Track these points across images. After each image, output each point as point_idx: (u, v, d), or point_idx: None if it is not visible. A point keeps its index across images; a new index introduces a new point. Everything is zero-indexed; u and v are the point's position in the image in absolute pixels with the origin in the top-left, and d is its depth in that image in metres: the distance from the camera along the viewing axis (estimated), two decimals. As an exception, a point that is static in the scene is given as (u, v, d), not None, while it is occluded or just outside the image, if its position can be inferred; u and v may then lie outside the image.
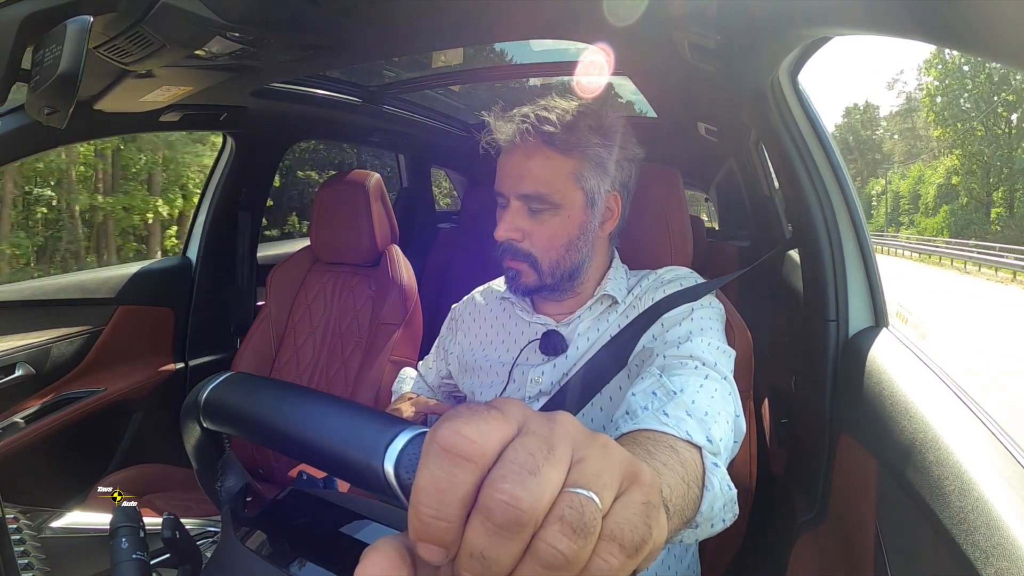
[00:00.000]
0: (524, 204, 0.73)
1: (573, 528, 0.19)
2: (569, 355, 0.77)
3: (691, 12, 0.79)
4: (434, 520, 0.19)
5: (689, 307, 0.70)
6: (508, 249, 0.75)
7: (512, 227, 0.74)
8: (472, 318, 0.92)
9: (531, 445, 0.20)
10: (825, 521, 0.77)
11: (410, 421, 0.31)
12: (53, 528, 0.63)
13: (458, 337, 0.93)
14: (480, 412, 0.21)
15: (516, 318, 0.85)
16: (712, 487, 0.48)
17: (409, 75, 1.70)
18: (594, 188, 0.74)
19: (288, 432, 0.36)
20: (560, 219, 0.73)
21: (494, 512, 0.19)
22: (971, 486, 0.47)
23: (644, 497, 0.22)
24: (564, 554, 0.19)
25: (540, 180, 0.72)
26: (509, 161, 0.74)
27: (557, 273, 0.76)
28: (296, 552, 0.47)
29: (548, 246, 0.74)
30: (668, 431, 0.49)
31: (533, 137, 0.71)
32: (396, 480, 0.28)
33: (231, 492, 0.49)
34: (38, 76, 0.62)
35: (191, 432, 0.44)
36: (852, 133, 49.10)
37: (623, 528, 0.20)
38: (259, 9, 0.79)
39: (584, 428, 0.23)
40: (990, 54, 0.38)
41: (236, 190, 1.62)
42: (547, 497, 0.19)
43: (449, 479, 0.19)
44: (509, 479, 0.19)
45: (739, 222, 2.28)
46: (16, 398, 1.22)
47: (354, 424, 0.32)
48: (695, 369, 0.60)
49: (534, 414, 0.22)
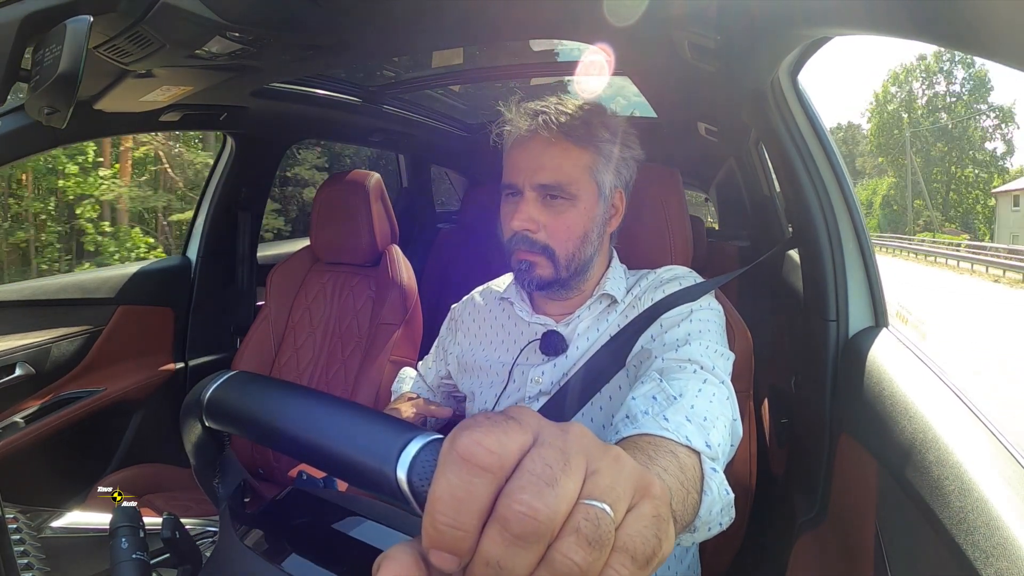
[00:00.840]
0: (540, 195, 0.73)
1: (588, 540, 0.19)
2: (569, 355, 0.77)
3: (691, 12, 0.79)
4: (450, 529, 0.19)
5: (688, 308, 0.70)
6: (522, 241, 0.73)
7: (528, 217, 0.72)
8: (471, 318, 0.92)
9: (548, 456, 0.20)
10: (825, 521, 0.77)
11: (422, 428, 0.31)
12: (53, 528, 0.63)
13: (457, 338, 0.93)
14: (499, 422, 0.21)
15: (515, 318, 0.85)
16: (710, 491, 0.48)
17: (409, 75, 1.70)
18: (605, 183, 0.74)
19: (296, 434, 0.36)
20: (577, 211, 0.73)
21: (512, 522, 0.19)
22: (971, 486, 0.47)
23: (655, 510, 0.22)
24: (579, 565, 0.19)
25: (559, 170, 0.72)
26: (524, 153, 0.74)
27: (572, 266, 0.75)
28: (295, 551, 0.47)
29: (565, 237, 0.73)
30: (668, 436, 0.49)
31: (552, 129, 0.71)
32: (409, 487, 0.28)
33: (229, 490, 0.49)
34: (38, 76, 0.62)
35: (191, 430, 0.44)
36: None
37: (635, 541, 0.21)
38: (259, 9, 0.79)
39: (597, 439, 0.23)
40: (990, 54, 0.38)
41: (236, 190, 1.62)
42: (563, 508, 0.20)
43: (468, 488, 0.20)
44: (528, 490, 0.19)
45: (739, 222, 2.29)
46: (16, 398, 1.22)
47: (366, 429, 0.32)
48: (694, 373, 0.60)
49: (548, 424, 0.23)
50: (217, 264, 1.62)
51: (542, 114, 0.72)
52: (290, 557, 0.46)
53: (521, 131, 0.74)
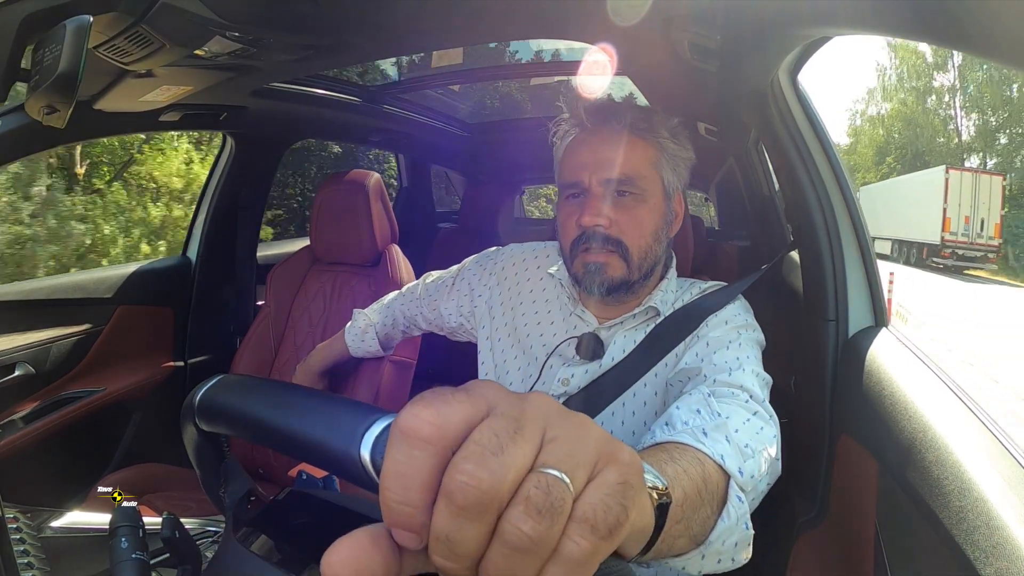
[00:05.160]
0: (609, 191, 0.68)
1: (538, 509, 0.19)
2: (603, 363, 0.72)
3: (691, 12, 0.79)
4: (399, 505, 0.19)
5: (736, 331, 0.67)
6: (594, 238, 0.68)
7: (599, 212, 0.67)
8: (515, 273, 0.84)
9: (497, 426, 0.20)
10: (825, 521, 0.77)
11: (389, 410, 0.31)
12: (53, 528, 0.63)
13: (491, 282, 0.85)
14: (443, 395, 0.20)
15: (561, 301, 0.78)
16: (729, 518, 0.44)
17: (409, 75, 1.70)
18: (670, 182, 0.72)
19: (274, 426, 0.36)
20: (647, 207, 0.70)
21: (455, 494, 0.18)
22: (970, 486, 0.47)
23: (621, 477, 0.21)
24: (529, 536, 0.18)
25: (628, 165, 0.68)
26: (588, 149, 0.70)
27: (644, 265, 0.70)
28: (295, 552, 0.46)
29: (639, 233, 0.69)
30: (702, 449, 0.46)
31: (622, 123, 0.68)
32: (372, 467, 0.28)
33: (235, 498, 0.49)
34: (38, 76, 0.62)
35: (190, 435, 0.44)
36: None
37: (596, 509, 0.20)
38: (259, 9, 0.79)
39: (560, 406, 0.22)
40: (990, 54, 0.38)
41: (236, 190, 1.62)
42: (511, 477, 0.19)
43: (409, 463, 0.19)
44: (471, 460, 0.19)
45: (739, 222, 2.28)
46: (16, 398, 1.22)
47: (333, 413, 0.33)
48: (745, 403, 0.56)
49: (507, 395, 0.21)
50: (217, 264, 1.62)
51: (609, 108, 0.69)
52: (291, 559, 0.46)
53: (586, 126, 0.70)
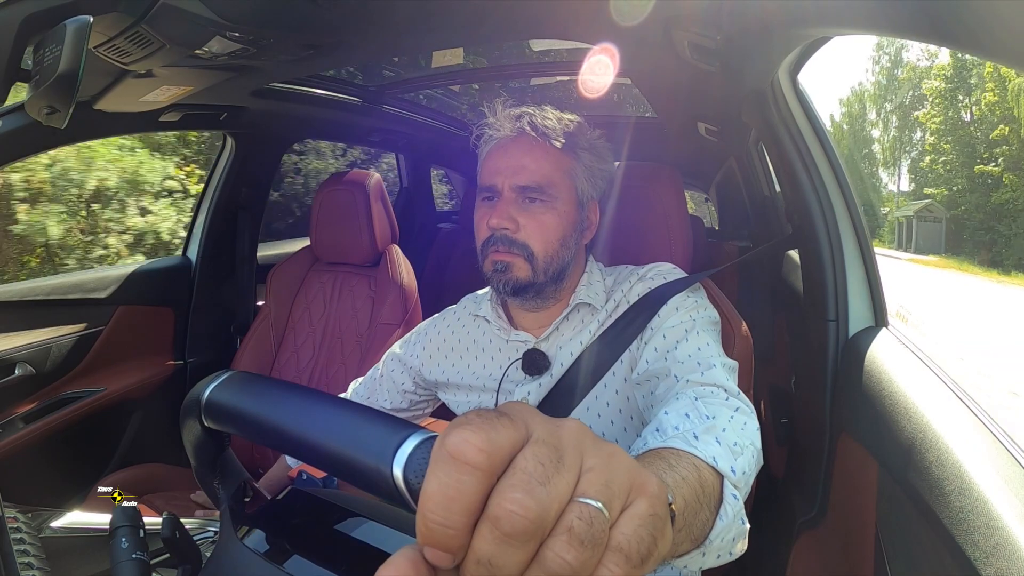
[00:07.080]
0: (519, 196, 0.73)
1: (581, 539, 0.19)
2: (553, 372, 0.76)
3: (691, 12, 0.79)
4: (441, 527, 0.19)
5: (690, 318, 0.69)
6: (500, 240, 0.73)
7: (507, 215, 0.72)
8: (442, 337, 0.88)
9: (541, 454, 0.20)
10: (825, 521, 0.77)
11: (418, 426, 0.31)
12: (53, 528, 0.63)
13: (420, 352, 0.89)
14: (490, 419, 0.21)
15: (491, 335, 0.83)
16: (726, 516, 0.46)
17: (409, 75, 1.70)
18: (584, 191, 0.75)
19: (295, 434, 0.36)
20: (555, 213, 0.73)
21: (503, 521, 0.19)
22: (971, 486, 0.47)
23: (651, 508, 0.22)
24: (571, 564, 0.19)
25: (539, 172, 0.72)
26: (504, 155, 0.74)
27: (550, 269, 0.74)
28: (295, 551, 0.47)
29: (544, 238, 0.73)
30: (695, 453, 0.48)
31: (534, 133, 0.72)
32: (405, 484, 0.28)
33: (230, 491, 0.49)
34: (38, 76, 0.62)
35: (191, 430, 0.44)
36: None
37: (630, 540, 0.21)
38: (259, 9, 0.79)
39: (592, 435, 0.23)
40: (990, 54, 0.38)
41: (236, 190, 1.62)
42: (556, 507, 0.20)
43: (457, 487, 0.19)
44: (519, 488, 0.19)
45: (739, 222, 2.28)
46: (16, 398, 1.22)
47: (363, 427, 0.32)
48: (725, 400, 0.58)
49: (543, 420, 0.22)
50: (217, 264, 1.62)
51: (526, 116, 0.72)
52: (291, 558, 0.46)
53: (504, 133, 0.74)
